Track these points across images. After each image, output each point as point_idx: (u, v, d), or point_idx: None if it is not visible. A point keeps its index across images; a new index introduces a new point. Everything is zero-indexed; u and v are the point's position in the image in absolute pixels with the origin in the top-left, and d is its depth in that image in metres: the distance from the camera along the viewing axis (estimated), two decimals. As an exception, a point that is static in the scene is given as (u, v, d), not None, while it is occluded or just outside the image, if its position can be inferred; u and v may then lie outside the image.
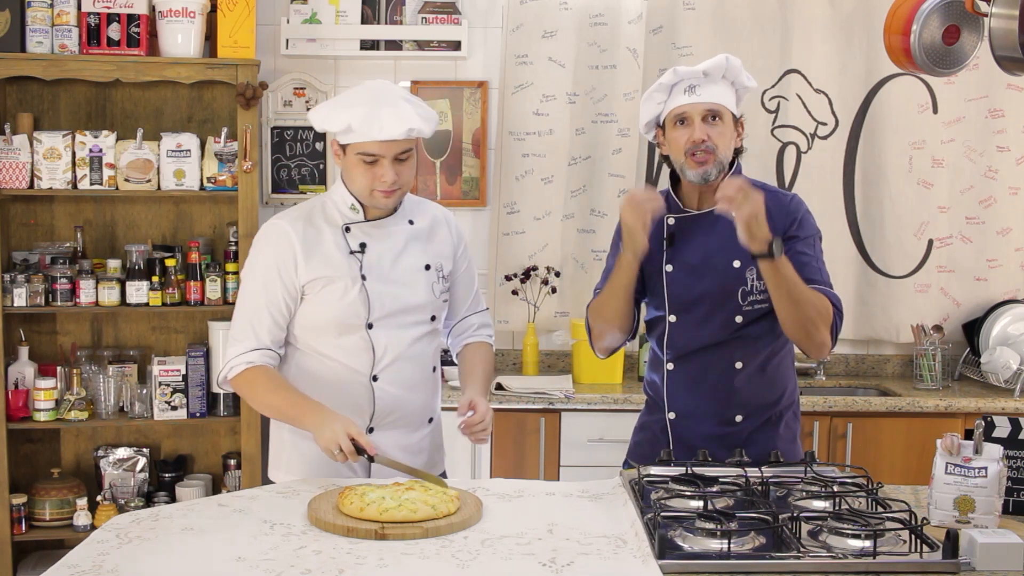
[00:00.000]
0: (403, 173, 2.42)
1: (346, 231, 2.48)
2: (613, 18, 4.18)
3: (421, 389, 2.54)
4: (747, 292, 2.51)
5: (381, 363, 2.47)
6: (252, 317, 2.45)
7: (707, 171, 2.51)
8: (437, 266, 2.55)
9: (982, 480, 2.03)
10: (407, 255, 2.51)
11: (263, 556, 1.85)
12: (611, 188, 4.21)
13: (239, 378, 2.45)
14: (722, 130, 2.51)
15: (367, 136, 2.35)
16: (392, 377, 2.48)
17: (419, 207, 2.60)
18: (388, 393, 2.48)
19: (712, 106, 2.50)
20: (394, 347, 2.47)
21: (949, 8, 2.83)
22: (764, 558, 1.84)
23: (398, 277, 2.49)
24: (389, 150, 2.37)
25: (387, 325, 2.47)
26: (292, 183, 4.26)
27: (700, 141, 2.49)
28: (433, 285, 2.53)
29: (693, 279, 2.54)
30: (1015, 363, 3.99)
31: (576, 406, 3.81)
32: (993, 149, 4.27)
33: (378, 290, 2.45)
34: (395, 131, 2.34)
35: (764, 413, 2.59)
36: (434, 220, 2.60)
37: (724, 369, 2.54)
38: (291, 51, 4.16)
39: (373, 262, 2.47)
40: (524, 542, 1.92)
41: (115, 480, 3.95)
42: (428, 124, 2.41)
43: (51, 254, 3.87)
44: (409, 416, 2.52)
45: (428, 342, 2.55)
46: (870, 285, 4.31)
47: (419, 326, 2.52)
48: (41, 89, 3.99)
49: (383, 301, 2.45)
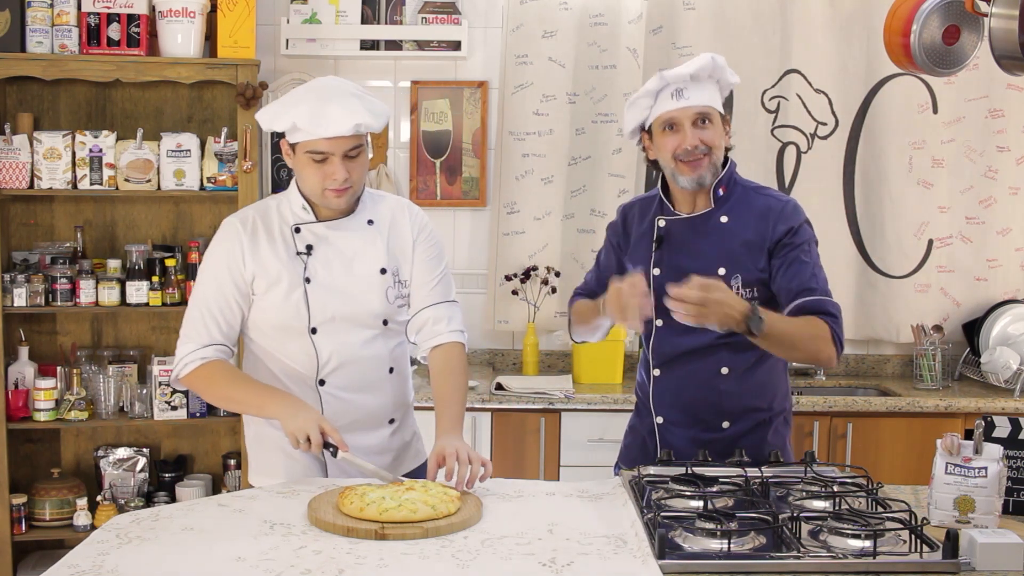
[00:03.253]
0: (354, 171, 2.36)
1: (295, 232, 2.44)
2: (613, 18, 4.18)
3: (375, 391, 2.48)
4: None
5: (326, 368, 2.43)
6: (204, 314, 2.42)
7: (702, 175, 2.49)
8: (393, 269, 2.47)
9: (982, 480, 2.03)
10: (361, 259, 2.45)
11: (263, 556, 1.84)
12: (611, 188, 4.21)
13: (193, 375, 2.40)
14: (713, 132, 2.49)
15: (313, 134, 2.30)
16: (340, 381, 2.44)
17: (378, 203, 2.52)
18: (336, 397, 2.44)
19: (702, 109, 2.47)
20: (340, 352, 2.43)
21: (949, 8, 2.84)
22: (764, 558, 1.84)
23: (347, 283, 2.43)
24: (338, 147, 2.32)
25: (332, 330, 2.42)
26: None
27: (693, 147, 2.46)
28: (388, 291, 2.46)
29: (679, 284, 2.51)
30: (1015, 363, 3.99)
31: (576, 406, 3.81)
32: (993, 149, 4.27)
33: (321, 295, 2.40)
34: (342, 127, 2.29)
35: (752, 419, 2.56)
36: (393, 215, 2.52)
37: (710, 375, 2.52)
38: (291, 51, 4.16)
39: (320, 266, 2.42)
40: (524, 542, 1.92)
41: (115, 480, 3.95)
42: (377, 119, 2.35)
43: (51, 254, 3.87)
44: (364, 419, 2.46)
45: (383, 343, 2.48)
46: (870, 285, 4.31)
47: (368, 329, 2.45)
48: (41, 89, 3.99)
49: (326, 306, 2.40)
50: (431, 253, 2.54)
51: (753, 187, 2.59)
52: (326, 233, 2.44)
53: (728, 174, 2.55)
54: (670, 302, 2.24)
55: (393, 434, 2.54)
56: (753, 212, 2.52)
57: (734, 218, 2.52)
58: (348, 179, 2.34)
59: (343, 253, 2.44)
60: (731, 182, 2.56)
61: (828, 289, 2.47)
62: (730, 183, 2.55)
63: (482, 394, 3.80)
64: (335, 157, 2.33)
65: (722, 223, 2.52)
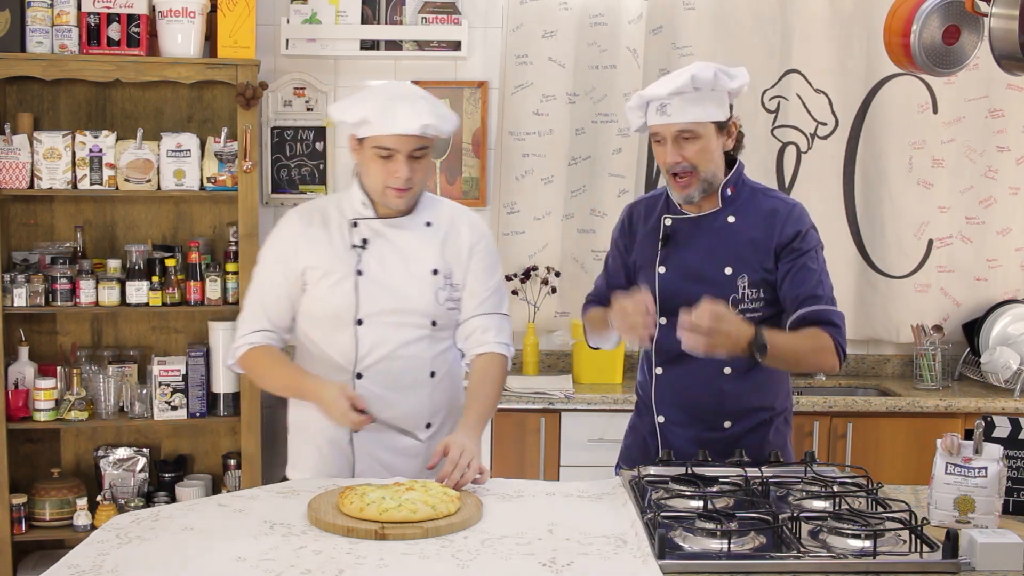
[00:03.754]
0: (417, 171, 2.41)
1: (353, 225, 2.48)
2: (613, 18, 4.18)
3: (413, 393, 2.50)
4: (738, 300, 2.48)
5: (365, 360, 2.46)
6: (255, 302, 2.53)
7: (689, 194, 2.49)
8: (446, 272, 2.50)
9: (982, 480, 2.03)
10: (415, 258, 2.48)
11: (263, 556, 1.84)
12: (611, 188, 4.21)
13: (242, 359, 2.51)
14: (700, 147, 2.45)
15: (382, 129, 2.35)
16: (378, 377, 2.46)
17: (437, 206, 2.57)
18: (371, 392, 2.45)
19: (683, 127, 2.43)
20: (382, 346, 2.45)
21: (949, 8, 2.84)
22: (764, 558, 1.84)
23: (399, 279, 2.46)
24: (404, 145, 2.37)
25: (378, 323, 2.45)
26: (292, 183, 4.26)
27: (674, 163, 2.46)
28: (438, 292, 2.49)
29: (685, 283, 2.52)
30: (1015, 363, 3.99)
31: (576, 406, 3.81)
32: (993, 149, 4.27)
33: (371, 288, 2.44)
34: (410, 126, 2.34)
35: (753, 419, 2.56)
36: (452, 220, 2.55)
37: (712, 374, 2.52)
38: (291, 51, 4.16)
39: (373, 260, 2.46)
40: (524, 542, 1.92)
41: (115, 480, 3.95)
42: (445, 123, 2.41)
43: (51, 254, 3.87)
44: (397, 420, 2.47)
45: (426, 346, 2.50)
46: (870, 285, 4.31)
47: (415, 328, 2.48)
48: (41, 89, 3.99)
49: (375, 299, 2.44)
50: (487, 262, 2.58)
51: (761, 189, 2.59)
52: (383, 230, 2.49)
53: (736, 175, 2.55)
54: (682, 332, 2.27)
55: (429, 439, 2.53)
56: (760, 213, 2.52)
57: (741, 218, 2.52)
58: (411, 179, 2.40)
59: (398, 250, 2.48)
60: (739, 183, 2.56)
61: (833, 296, 2.49)
62: (738, 184, 2.56)
63: (482, 394, 3.80)
64: (400, 155, 2.38)
65: (729, 223, 2.52)
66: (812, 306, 2.44)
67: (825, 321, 2.43)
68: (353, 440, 2.49)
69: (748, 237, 2.50)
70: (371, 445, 2.49)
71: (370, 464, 2.49)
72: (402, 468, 2.48)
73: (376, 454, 2.49)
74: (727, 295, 2.48)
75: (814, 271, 2.47)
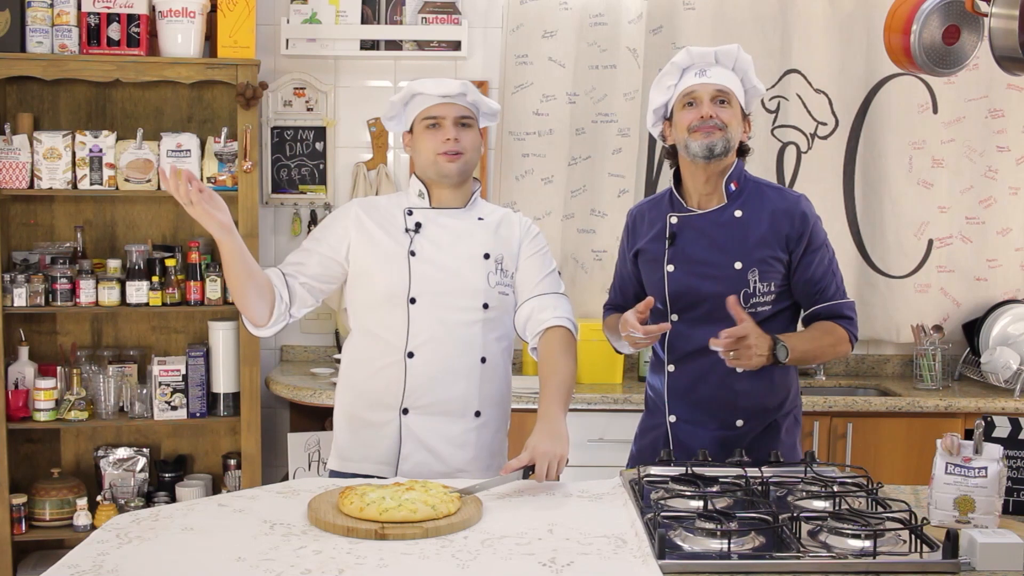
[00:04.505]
0: (465, 137, 2.53)
1: (408, 213, 2.56)
2: (613, 18, 4.18)
3: (463, 377, 2.51)
4: (749, 295, 2.50)
5: (417, 339, 2.48)
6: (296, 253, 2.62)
7: (713, 142, 2.49)
8: (497, 257, 2.56)
9: (982, 480, 2.03)
10: (467, 241, 2.55)
11: (263, 556, 1.84)
12: (611, 188, 4.21)
13: None
14: (731, 113, 2.53)
15: (429, 91, 2.52)
16: (429, 356, 2.49)
17: (490, 209, 2.66)
18: (422, 372, 2.48)
19: (721, 87, 2.53)
20: (434, 326, 2.49)
21: (949, 8, 2.84)
22: (764, 558, 1.84)
23: (451, 260, 2.52)
24: (450, 111, 2.53)
25: (431, 304, 2.49)
26: (292, 183, 4.26)
27: (708, 116, 2.50)
28: (489, 275, 2.53)
29: (694, 279, 2.53)
30: (1015, 363, 3.99)
31: (576, 406, 3.80)
32: (993, 149, 4.27)
33: (424, 268, 2.50)
34: (452, 86, 2.52)
35: (765, 418, 2.58)
36: (504, 217, 2.64)
37: (725, 372, 2.53)
38: (291, 51, 4.16)
39: (426, 242, 2.53)
40: (524, 542, 1.92)
41: (115, 480, 3.95)
42: (485, 100, 2.60)
43: (51, 254, 3.87)
44: (447, 403, 2.50)
45: (479, 331, 2.52)
46: (870, 285, 4.31)
47: (468, 311, 2.51)
48: (41, 89, 3.99)
49: (427, 278, 2.49)
50: (539, 249, 2.64)
51: (764, 183, 2.63)
52: (437, 217, 2.57)
53: (739, 170, 2.58)
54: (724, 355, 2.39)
55: (479, 429, 2.55)
56: (766, 207, 2.55)
57: (748, 212, 2.54)
58: (460, 143, 2.52)
59: (450, 234, 2.55)
60: (742, 178, 2.59)
61: (843, 288, 2.60)
62: (741, 179, 2.58)
63: (482, 394, 3.80)
64: (447, 121, 2.52)
65: (736, 217, 2.54)
66: (824, 302, 2.55)
67: (838, 315, 2.55)
68: (402, 425, 2.50)
69: (757, 231, 2.52)
70: (420, 430, 2.50)
71: (415, 449, 2.50)
72: (450, 456, 2.50)
73: (424, 440, 2.50)
74: (738, 289, 2.50)
75: (824, 264, 2.55)
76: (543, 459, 2.25)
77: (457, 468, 2.50)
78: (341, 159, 4.27)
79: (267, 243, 4.23)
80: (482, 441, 2.56)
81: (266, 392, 4.03)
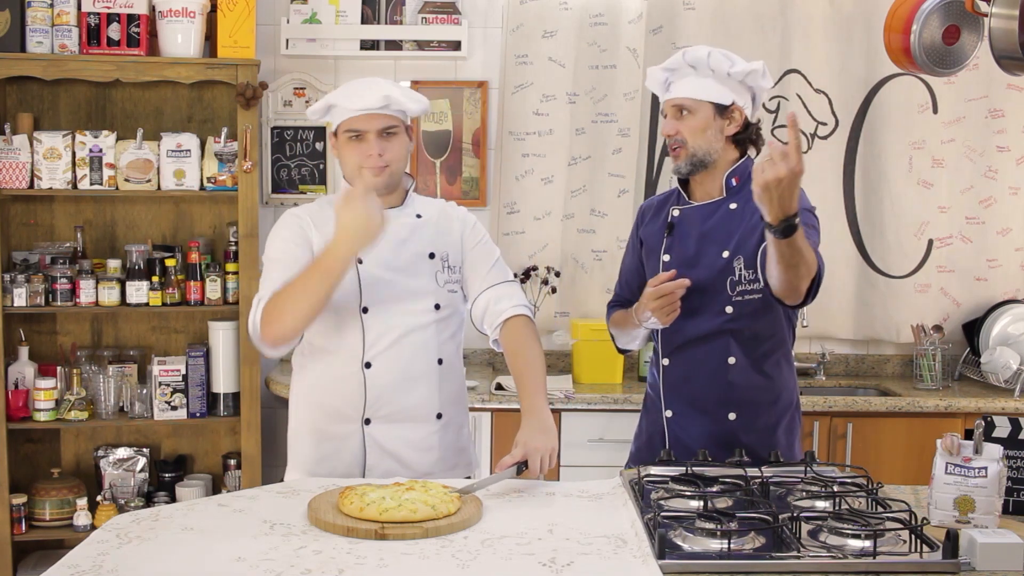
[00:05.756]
0: (389, 149, 2.44)
1: None
2: (613, 18, 4.18)
3: (422, 381, 2.49)
4: (736, 282, 2.53)
5: (374, 348, 2.45)
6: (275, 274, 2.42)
7: (677, 165, 2.58)
8: (443, 255, 2.53)
9: (982, 480, 2.03)
10: (411, 243, 2.51)
11: (263, 556, 1.84)
12: (611, 188, 4.21)
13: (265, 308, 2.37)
14: (691, 123, 2.54)
15: (346, 106, 2.41)
16: (387, 365, 2.46)
17: (426, 203, 2.61)
18: (381, 382, 2.45)
19: (677, 101, 2.55)
20: (389, 333, 2.45)
21: (949, 8, 2.84)
22: (764, 558, 1.84)
23: (399, 264, 2.48)
24: (371, 124, 2.42)
25: (384, 311, 2.46)
26: (292, 183, 4.26)
27: (667, 135, 2.57)
28: (437, 274, 2.51)
29: (686, 269, 2.56)
30: (1015, 363, 3.99)
31: (576, 406, 3.81)
32: (993, 149, 4.27)
33: (374, 274, 2.46)
34: (371, 100, 2.39)
35: (759, 414, 2.58)
36: (441, 212, 2.60)
37: (717, 364, 2.55)
38: (291, 51, 4.16)
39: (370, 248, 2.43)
40: (524, 542, 1.92)
41: (115, 480, 3.95)
42: (411, 101, 2.45)
43: (51, 254, 3.87)
44: (409, 410, 2.48)
45: (434, 332, 2.50)
46: (870, 285, 4.31)
47: (421, 314, 2.48)
48: (41, 89, 3.99)
49: (378, 286, 2.45)
50: (479, 239, 2.61)
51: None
52: None
53: (744, 167, 2.59)
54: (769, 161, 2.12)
55: (441, 431, 2.53)
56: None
57: (742, 204, 2.56)
58: (384, 157, 2.43)
59: (394, 237, 2.48)
60: (745, 174, 2.59)
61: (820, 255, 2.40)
62: (743, 175, 2.59)
63: (482, 394, 3.80)
64: (370, 134, 2.43)
65: (731, 209, 2.58)
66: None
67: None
68: (365, 436, 2.48)
69: (747, 222, 2.54)
70: (383, 439, 2.48)
71: (381, 458, 2.48)
72: (416, 462, 2.48)
73: (389, 448, 2.48)
74: (725, 278, 2.53)
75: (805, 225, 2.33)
76: (536, 454, 2.26)
77: (424, 472, 2.46)
78: (341, 159, 4.26)
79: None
80: (446, 442, 2.54)
81: (266, 392, 4.03)
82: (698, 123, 2.53)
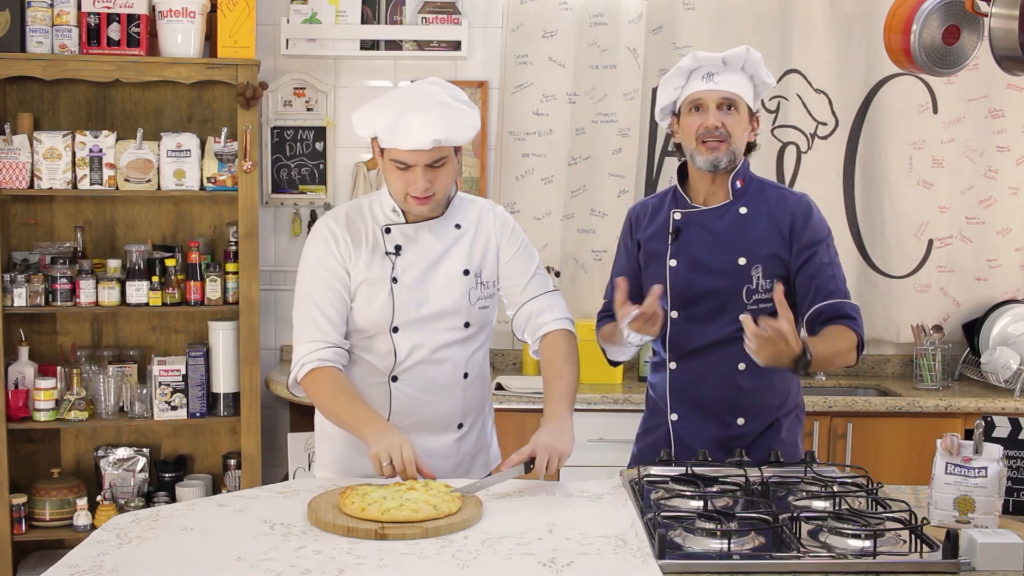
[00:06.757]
0: (437, 180, 2.35)
1: (386, 232, 2.46)
2: (613, 18, 4.18)
3: (446, 394, 2.49)
4: (752, 291, 2.51)
5: (402, 365, 2.46)
6: (313, 311, 2.43)
7: (718, 158, 2.51)
8: (476, 271, 2.49)
9: (982, 480, 2.03)
10: (446, 260, 2.47)
11: (263, 556, 1.85)
12: (611, 188, 4.21)
13: (307, 379, 2.40)
14: (737, 120, 2.52)
15: (392, 144, 2.31)
16: (412, 379, 2.47)
17: (467, 207, 2.55)
18: (405, 394, 2.47)
19: (728, 94, 2.51)
20: (418, 351, 2.45)
21: (949, 8, 2.84)
22: (764, 558, 1.84)
23: (431, 282, 2.45)
24: (418, 159, 2.31)
25: (413, 329, 2.44)
26: (292, 183, 4.26)
27: (713, 127, 2.49)
28: (470, 291, 2.47)
29: (697, 275, 2.53)
30: (1015, 363, 3.99)
31: (576, 406, 3.76)
32: (993, 149, 4.27)
33: (406, 295, 2.43)
34: (419, 142, 2.27)
35: (766, 417, 2.58)
36: (479, 217, 2.54)
37: (727, 370, 2.53)
38: (291, 51, 4.16)
39: (407, 266, 2.44)
40: (524, 542, 1.92)
41: (115, 480, 3.95)
42: (459, 133, 2.32)
43: (51, 254, 3.87)
44: (431, 420, 2.49)
45: (461, 348, 2.49)
46: (870, 285, 4.31)
47: (450, 332, 2.47)
48: (41, 89, 3.99)
49: (409, 306, 2.43)
50: (519, 247, 2.55)
51: (767, 182, 2.65)
52: (414, 235, 2.46)
53: (744, 168, 2.59)
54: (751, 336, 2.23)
55: (460, 439, 2.54)
56: (770, 204, 2.56)
57: (753, 209, 2.55)
58: (430, 188, 2.35)
59: (430, 254, 2.45)
60: (747, 176, 2.61)
61: (847, 289, 2.54)
62: (746, 177, 2.60)
63: (482, 394, 3.80)
64: (417, 168, 2.33)
65: (741, 214, 2.55)
66: (827, 300, 2.47)
67: (842, 315, 2.46)
68: None
69: (761, 227, 2.53)
70: None
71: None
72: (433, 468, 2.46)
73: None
74: (741, 285, 2.50)
75: (827, 263, 2.51)
76: (543, 451, 2.26)
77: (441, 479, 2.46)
78: (341, 159, 4.27)
79: (267, 243, 4.23)
80: (464, 449, 2.56)
81: (266, 392, 4.03)
82: (742, 120, 2.53)
